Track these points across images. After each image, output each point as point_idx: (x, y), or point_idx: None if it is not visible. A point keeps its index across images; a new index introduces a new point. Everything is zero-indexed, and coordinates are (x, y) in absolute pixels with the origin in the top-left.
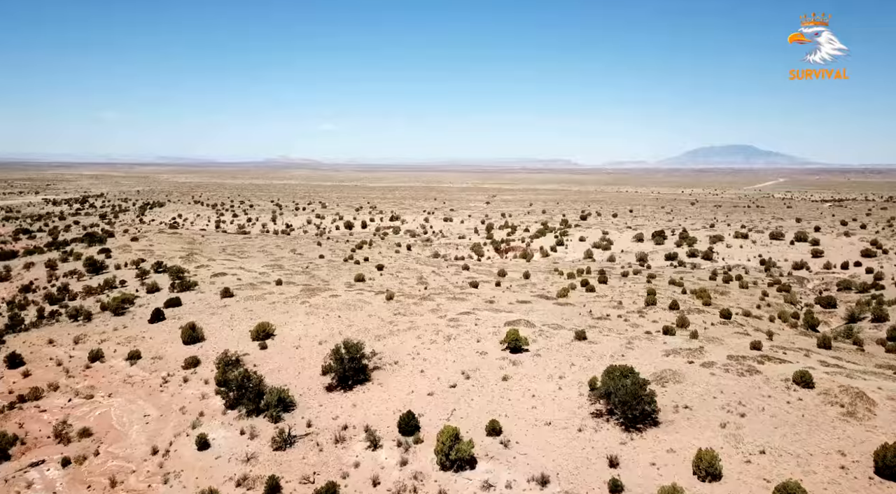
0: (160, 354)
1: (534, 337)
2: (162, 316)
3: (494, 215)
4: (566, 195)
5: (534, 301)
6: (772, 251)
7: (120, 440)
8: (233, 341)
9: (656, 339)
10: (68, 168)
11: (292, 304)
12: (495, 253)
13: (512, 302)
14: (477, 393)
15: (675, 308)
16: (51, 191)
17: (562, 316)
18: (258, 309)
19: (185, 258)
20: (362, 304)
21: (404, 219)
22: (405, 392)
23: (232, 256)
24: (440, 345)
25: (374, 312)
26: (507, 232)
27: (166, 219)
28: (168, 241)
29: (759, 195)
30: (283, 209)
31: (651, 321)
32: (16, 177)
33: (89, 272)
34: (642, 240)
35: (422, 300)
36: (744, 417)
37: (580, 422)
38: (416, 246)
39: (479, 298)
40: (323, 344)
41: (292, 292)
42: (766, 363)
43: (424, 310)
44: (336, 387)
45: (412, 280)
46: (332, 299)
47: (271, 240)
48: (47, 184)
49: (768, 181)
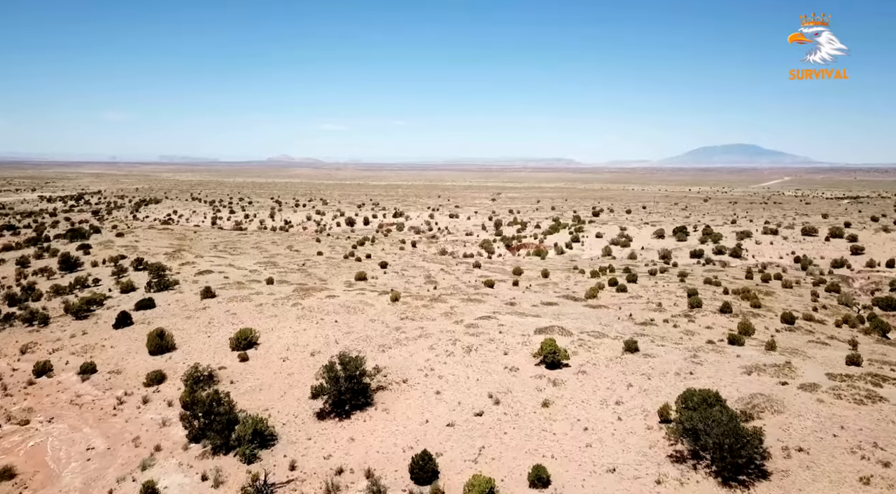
0: (120, 367)
1: (573, 348)
2: (129, 320)
3: (502, 212)
4: (572, 192)
5: (560, 302)
6: (805, 248)
7: (49, 484)
8: (208, 351)
9: (725, 351)
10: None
11: (282, 306)
12: (506, 251)
13: (536, 305)
14: (511, 424)
15: (727, 311)
16: (48, 189)
17: (599, 321)
18: (242, 311)
19: (171, 255)
20: (364, 306)
21: (408, 215)
22: (417, 421)
23: (223, 253)
24: (459, 359)
25: (378, 316)
26: (516, 228)
27: (161, 215)
28: (156, 237)
29: (770, 193)
30: (283, 206)
31: (705, 327)
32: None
33: (62, 269)
34: (663, 236)
35: (432, 301)
36: (888, 467)
37: (657, 470)
38: (422, 243)
39: (497, 299)
40: (316, 355)
41: (284, 292)
42: (884, 385)
43: (436, 314)
44: (329, 414)
45: (419, 278)
46: (329, 300)
47: (267, 237)
48: (46, 181)
49: (774, 179)
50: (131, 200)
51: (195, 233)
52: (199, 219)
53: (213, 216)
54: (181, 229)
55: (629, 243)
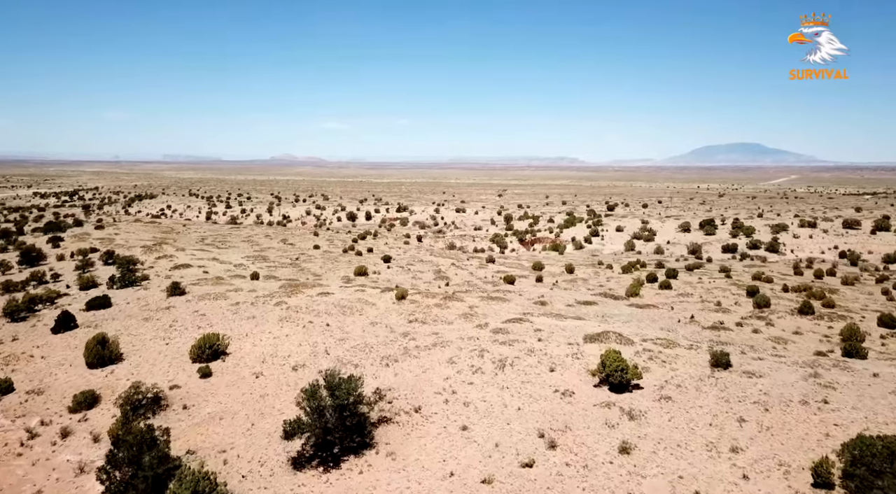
0: (44, 385)
1: (641, 361)
2: (72, 322)
3: (510, 206)
4: (580, 189)
5: (600, 301)
6: (849, 242)
7: None
8: (163, 362)
9: (852, 368)
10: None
11: (263, 306)
12: (519, 245)
13: (571, 304)
14: (578, 482)
15: (807, 312)
16: (45, 186)
17: (657, 325)
18: (214, 312)
19: (149, 248)
20: (363, 306)
21: (412, 210)
22: (437, 473)
23: (209, 247)
24: (490, 377)
25: (380, 318)
26: (528, 223)
27: (154, 210)
28: (139, 230)
29: (782, 189)
30: (282, 201)
31: (792, 332)
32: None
33: (22, 263)
34: (688, 229)
35: (446, 300)
36: None
37: None
38: (427, 237)
39: (522, 298)
40: (299, 369)
41: (269, 288)
42: None
43: (453, 315)
44: (310, 461)
45: (428, 273)
46: (322, 299)
47: (261, 230)
48: (45, 178)
49: (780, 178)
50: (126, 196)
51: (184, 226)
52: (193, 213)
53: (208, 211)
54: (170, 223)
55: (653, 237)
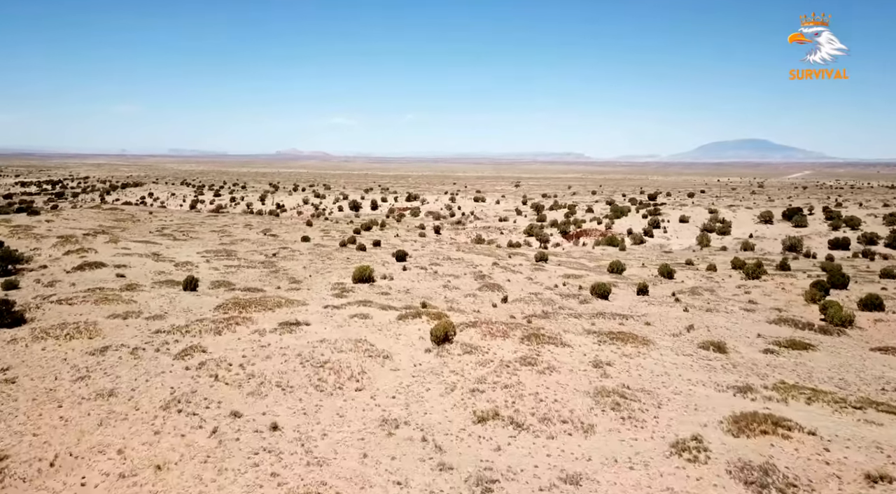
0: None
1: None
2: None
3: (534, 196)
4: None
5: (812, 340)
6: None
7: None
8: None
9: None
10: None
11: (151, 361)
12: (562, 239)
13: (768, 350)
14: None
15: None
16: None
17: None
18: (24, 384)
19: (76, 240)
20: (363, 361)
21: (424, 199)
22: None
23: (163, 238)
24: None
25: (409, 408)
26: (563, 213)
27: (134, 198)
28: (87, 218)
29: (807, 182)
30: (279, 190)
31: None
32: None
33: None
34: (770, 220)
35: (534, 342)
36: None
37: None
38: (445, 229)
39: (663, 331)
40: None
41: (199, 309)
42: None
43: (576, 398)
44: None
45: (466, 278)
46: (281, 338)
47: (242, 220)
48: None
49: (793, 173)
50: (112, 185)
51: (151, 213)
52: (177, 202)
53: (193, 199)
54: (135, 210)
55: (728, 230)
